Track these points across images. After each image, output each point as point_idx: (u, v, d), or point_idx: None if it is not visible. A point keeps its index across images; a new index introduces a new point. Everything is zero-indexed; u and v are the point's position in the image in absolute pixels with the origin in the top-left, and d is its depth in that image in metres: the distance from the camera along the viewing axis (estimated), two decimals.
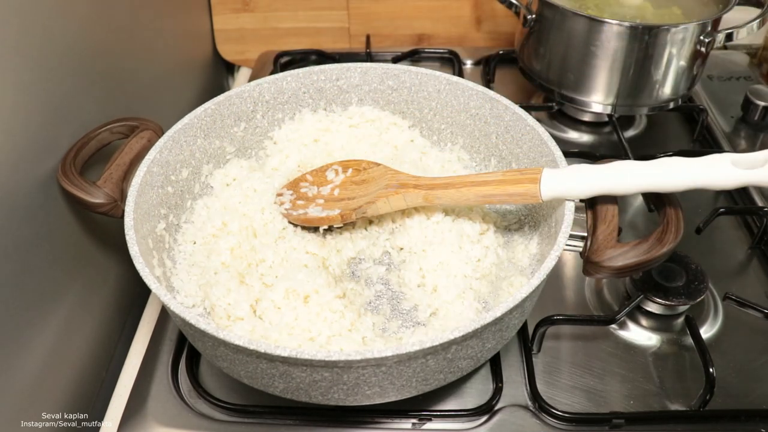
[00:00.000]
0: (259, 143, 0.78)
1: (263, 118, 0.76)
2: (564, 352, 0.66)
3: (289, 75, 0.75)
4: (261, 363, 0.50)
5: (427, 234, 0.66)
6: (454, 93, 0.74)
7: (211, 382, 0.64)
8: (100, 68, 0.71)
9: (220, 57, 1.18)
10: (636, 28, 0.79)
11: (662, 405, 0.61)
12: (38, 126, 0.60)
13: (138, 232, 0.57)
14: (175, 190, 0.67)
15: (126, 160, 0.64)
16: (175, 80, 0.98)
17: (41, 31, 0.60)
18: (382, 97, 0.78)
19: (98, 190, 0.61)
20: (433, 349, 0.47)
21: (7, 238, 0.56)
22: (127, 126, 0.68)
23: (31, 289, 0.60)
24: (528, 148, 0.67)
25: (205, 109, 0.70)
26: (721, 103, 1.00)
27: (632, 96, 0.87)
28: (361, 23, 1.14)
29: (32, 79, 0.59)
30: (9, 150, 0.56)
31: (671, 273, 0.68)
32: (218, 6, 1.12)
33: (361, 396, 0.53)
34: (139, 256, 0.53)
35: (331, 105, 0.79)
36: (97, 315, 0.72)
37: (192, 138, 0.69)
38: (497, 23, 1.14)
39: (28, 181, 0.59)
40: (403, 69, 0.76)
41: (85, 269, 0.70)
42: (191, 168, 0.70)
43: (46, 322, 0.62)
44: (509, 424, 0.59)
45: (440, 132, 0.78)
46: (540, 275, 0.51)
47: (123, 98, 0.77)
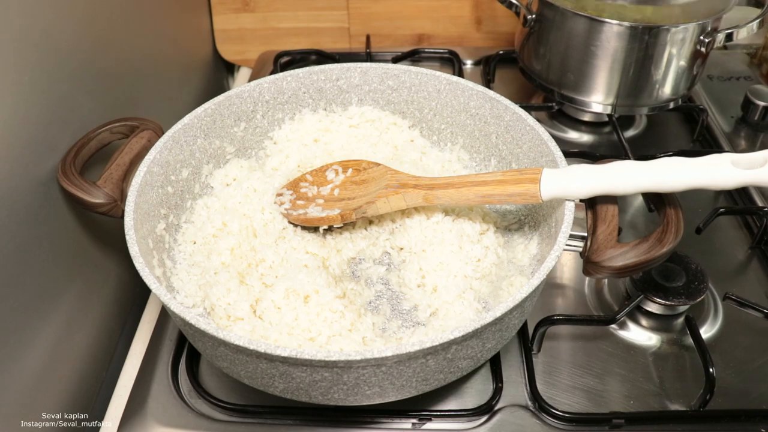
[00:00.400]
0: (259, 143, 0.78)
1: (263, 118, 0.76)
2: (564, 352, 0.66)
3: (289, 75, 0.75)
4: (261, 363, 0.50)
5: (427, 234, 0.66)
6: (454, 93, 0.74)
7: (211, 382, 0.64)
8: (99, 68, 0.72)
9: (220, 57, 1.18)
10: (636, 28, 0.79)
11: (662, 405, 0.61)
12: (38, 126, 0.60)
13: (138, 232, 0.57)
14: (175, 190, 0.67)
15: (126, 160, 0.64)
16: (175, 80, 0.98)
17: (41, 31, 0.60)
18: (382, 97, 0.78)
19: (98, 190, 0.61)
20: (433, 349, 0.47)
21: (7, 238, 0.56)
22: (127, 126, 0.68)
23: (31, 289, 0.60)
24: (528, 148, 0.67)
25: (205, 109, 0.70)
26: (721, 103, 1.00)
27: (632, 96, 0.87)
28: (361, 23, 1.14)
29: (32, 79, 0.59)
30: (9, 150, 0.56)
31: (671, 273, 0.68)
32: (218, 6, 1.12)
33: (361, 396, 0.53)
34: (139, 256, 0.53)
35: (331, 105, 0.79)
36: (97, 315, 0.72)
37: (192, 138, 0.69)
38: (497, 23, 1.14)
39: (28, 181, 0.59)
40: (403, 69, 0.76)
41: (85, 269, 0.70)
42: (191, 168, 0.70)
43: (46, 322, 0.62)
44: (509, 424, 0.59)
45: (440, 132, 0.78)
46: (540, 275, 0.51)
47: (123, 98, 0.77)
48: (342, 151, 0.77)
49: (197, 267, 0.66)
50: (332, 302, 0.60)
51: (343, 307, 0.61)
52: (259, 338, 0.57)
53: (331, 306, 0.60)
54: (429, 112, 0.77)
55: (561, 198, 0.56)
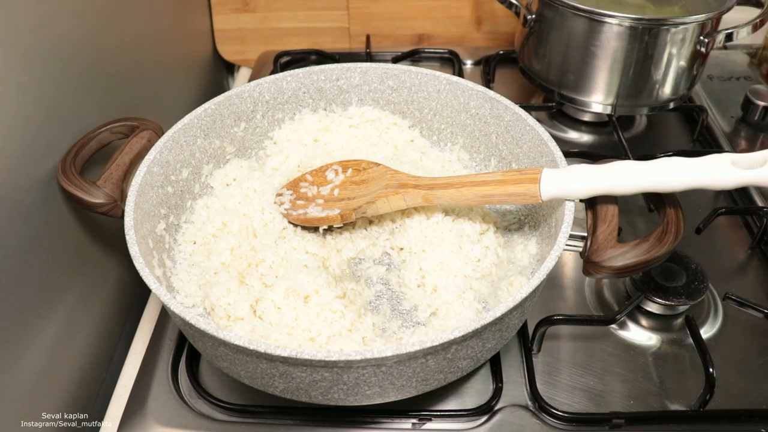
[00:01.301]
0: (259, 143, 0.78)
1: (263, 118, 0.76)
2: (564, 352, 0.66)
3: (289, 75, 0.75)
4: (261, 363, 0.50)
5: (427, 234, 0.66)
6: (454, 93, 0.74)
7: (211, 382, 0.64)
8: (100, 68, 0.72)
9: (220, 57, 1.18)
10: (636, 28, 0.79)
11: (662, 405, 0.61)
12: (38, 126, 0.60)
13: (138, 232, 0.57)
14: (175, 190, 0.67)
15: (126, 160, 0.64)
16: (175, 80, 0.98)
17: (41, 32, 0.60)
18: (382, 97, 0.78)
19: (98, 190, 0.61)
20: (433, 349, 0.47)
21: (7, 237, 0.56)
22: (127, 126, 0.68)
23: (31, 289, 0.60)
24: (528, 148, 0.67)
25: (205, 109, 0.70)
26: (721, 103, 1.00)
27: (632, 96, 0.87)
28: (361, 23, 1.14)
29: (32, 79, 0.59)
30: (9, 150, 0.56)
31: (671, 273, 0.68)
32: (218, 6, 1.12)
33: (361, 396, 0.53)
34: (139, 256, 0.53)
35: (331, 105, 0.79)
36: (97, 315, 0.72)
37: (192, 138, 0.69)
38: (497, 23, 1.14)
39: (28, 181, 0.59)
40: (403, 69, 0.76)
41: (85, 269, 0.70)
42: (191, 168, 0.70)
43: (46, 321, 0.62)
44: (509, 424, 0.59)
45: (440, 132, 0.78)
46: (540, 275, 0.51)
47: (123, 98, 0.77)
48: (342, 151, 0.77)
49: (197, 267, 0.66)
50: (332, 302, 0.60)
51: (343, 307, 0.60)
52: (259, 338, 0.57)
53: (331, 306, 0.60)
54: (429, 112, 0.77)
55: (561, 198, 0.56)
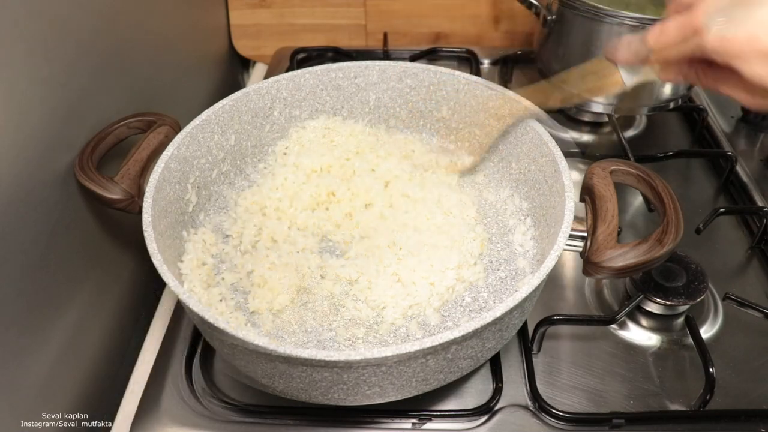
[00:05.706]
0: (276, 140, 0.77)
1: (280, 114, 0.76)
2: (564, 352, 0.66)
3: (307, 72, 0.75)
4: (261, 362, 0.50)
5: (425, 234, 0.66)
6: (473, 93, 0.73)
7: (225, 380, 0.63)
8: (116, 63, 0.71)
9: (236, 52, 1.17)
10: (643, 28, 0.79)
11: (662, 405, 0.61)
12: (55, 121, 0.59)
13: (155, 229, 0.56)
14: (192, 186, 0.67)
15: (143, 156, 0.63)
16: (190, 75, 0.97)
17: (58, 27, 0.59)
18: (400, 95, 0.78)
19: (115, 185, 0.60)
20: (433, 349, 0.47)
21: (24, 232, 0.55)
22: (144, 121, 0.67)
23: (46, 284, 0.59)
24: (528, 148, 0.67)
25: (223, 105, 0.69)
26: (721, 103, 1.00)
27: (632, 96, 0.87)
28: (378, 21, 1.13)
29: (49, 74, 0.58)
30: (27, 145, 0.55)
31: (671, 273, 0.68)
32: (235, 1, 1.12)
33: (361, 396, 0.53)
34: (157, 253, 0.53)
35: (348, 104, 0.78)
36: (112, 311, 0.72)
37: (209, 134, 0.68)
38: (515, 23, 1.13)
39: (45, 176, 0.58)
40: (422, 68, 0.75)
41: (101, 265, 0.69)
42: (208, 164, 0.69)
43: (61, 317, 0.62)
44: (509, 424, 0.59)
45: (458, 131, 0.77)
46: (540, 275, 0.51)
47: (139, 93, 0.77)
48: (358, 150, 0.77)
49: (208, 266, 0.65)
50: (332, 302, 0.60)
51: (342, 307, 0.60)
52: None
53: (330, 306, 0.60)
54: (448, 111, 0.77)
55: None
